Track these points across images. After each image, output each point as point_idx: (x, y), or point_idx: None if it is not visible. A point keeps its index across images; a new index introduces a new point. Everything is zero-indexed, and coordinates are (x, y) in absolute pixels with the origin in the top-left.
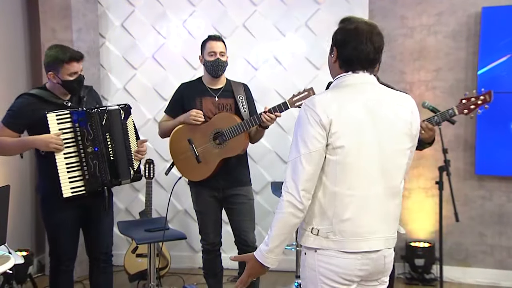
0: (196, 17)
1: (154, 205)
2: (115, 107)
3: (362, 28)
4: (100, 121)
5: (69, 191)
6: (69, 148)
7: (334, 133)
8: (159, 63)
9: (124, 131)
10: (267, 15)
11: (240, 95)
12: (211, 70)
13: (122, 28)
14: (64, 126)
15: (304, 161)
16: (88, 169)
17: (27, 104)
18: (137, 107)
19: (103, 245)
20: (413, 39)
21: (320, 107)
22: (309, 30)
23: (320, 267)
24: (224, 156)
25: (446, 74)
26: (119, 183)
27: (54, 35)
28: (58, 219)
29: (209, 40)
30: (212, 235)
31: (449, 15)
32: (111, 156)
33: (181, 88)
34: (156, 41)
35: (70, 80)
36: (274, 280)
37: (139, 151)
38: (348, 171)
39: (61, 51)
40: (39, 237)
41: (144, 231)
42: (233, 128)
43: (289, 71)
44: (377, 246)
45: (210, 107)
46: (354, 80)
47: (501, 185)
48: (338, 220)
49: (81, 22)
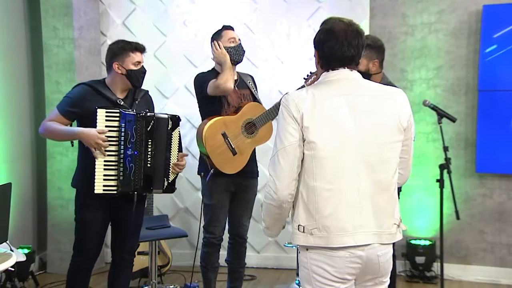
0: (197, 15)
1: (155, 203)
2: (164, 115)
3: (338, 27)
4: (146, 126)
5: (101, 187)
6: (111, 146)
7: (307, 127)
8: (160, 61)
9: (167, 141)
10: (268, 13)
11: (251, 84)
12: (235, 55)
13: (123, 26)
14: (111, 124)
15: (280, 156)
16: (124, 170)
17: (83, 93)
18: None
19: (127, 247)
20: (414, 37)
21: (292, 102)
22: (310, 29)
23: (312, 265)
24: (256, 144)
25: (447, 72)
26: (150, 191)
27: (56, 33)
28: (87, 216)
29: (225, 30)
30: (220, 228)
31: (449, 13)
32: (148, 163)
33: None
34: (157, 39)
35: (134, 70)
36: (275, 278)
37: (178, 165)
38: (324, 166)
39: (127, 42)
40: (41, 234)
41: (146, 229)
42: (263, 116)
43: (290, 70)
44: (364, 241)
45: (235, 98)
46: (333, 77)
47: (501, 183)
48: (320, 215)
49: (83, 20)
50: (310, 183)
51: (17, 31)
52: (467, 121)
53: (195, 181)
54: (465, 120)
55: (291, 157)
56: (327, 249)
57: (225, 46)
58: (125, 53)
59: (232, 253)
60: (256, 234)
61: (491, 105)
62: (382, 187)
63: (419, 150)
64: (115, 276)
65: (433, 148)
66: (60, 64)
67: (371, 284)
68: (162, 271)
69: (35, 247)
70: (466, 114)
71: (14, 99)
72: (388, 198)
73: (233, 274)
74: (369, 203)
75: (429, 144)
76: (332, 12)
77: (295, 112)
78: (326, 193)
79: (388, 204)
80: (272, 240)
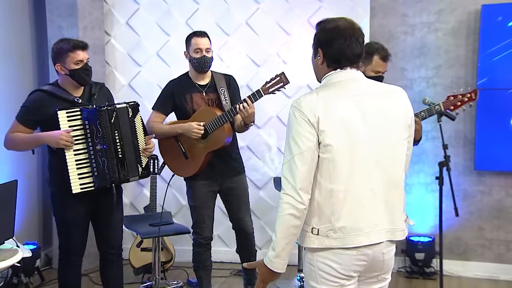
0: (200, 15)
1: (159, 200)
2: (123, 105)
3: (343, 25)
4: (109, 119)
5: (78, 187)
6: (79, 145)
7: (323, 131)
8: (164, 60)
9: (132, 129)
10: (269, 12)
11: (222, 87)
12: (197, 67)
13: (127, 26)
14: (74, 123)
15: (298, 161)
16: (97, 166)
17: (39, 100)
18: (142, 103)
19: (113, 240)
20: (414, 37)
21: (306, 106)
22: (312, 28)
23: (318, 263)
24: (209, 149)
25: (446, 71)
26: (127, 180)
27: (61, 33)
28: (68, 214)
29: (194, 36)
30: (207, 229)
31: (449, 12)
32: (119, 153)
33: (171, 85)
34: (160, 39)
35: (76, 69)
36: None
37: (147, 148)
38: (340, 168)
39: (65, 41)
40: (47, 230)
41: (149, 226)
42: (213, 121)
43: (292, 68)
44: (378, 239)
45: (200, 103)
46: (341, 78)
47: (500, 180)
48: (336, 217)
49: (87, 20)
50: (325, 185)
51: (22, 31)
52: (466, 119)
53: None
54: (464, 119)
55: (309, 161)
56: (338, 248)
57: (190, 55)
58: (65, 54)
59: (240, 247)
60: (257, 231)
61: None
62: (393, 185)
63: (419, 148)
64: (107, 272)
65: (432, 146)
66: None
67: (374, 281)
68: (166, 267)
69: (41, 243)
70: (465, 113)
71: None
72: (399, 195)
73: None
74: (382, 201)
75: (429, 142)
76: (333, 12)
77: (311, 117)
78: (342, 194)
79: (399, 201)
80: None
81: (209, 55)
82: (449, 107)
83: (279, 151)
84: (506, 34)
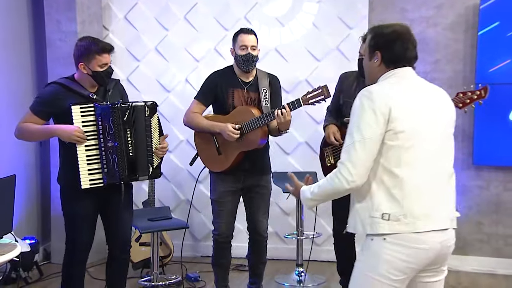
0: (198, 10)
1: (157, 195)
2: (139, 103)
3: (401, 30)
4: (122, 116)
5: (87, 182)
6: (91, 140)
7: (395, 118)
8: (162, 55)
9: (146, 128)
10: (268, 8)
11: (264, 87)
12: (241, 64)
13: (125, 21)
14: (87, 118)
15: (359, 147)
16: (107, 162)
17: (54, 93)
18: (140, 98)
19: (122, 238)
20: (413, 31)
21: (378, 96)
22: (311, 23)
23: (387, 255)
24: (242, 149)
25: (445, 65)
26: (136, 179)
27: (59, 27)
28: (76, 209)
29: (240, 33)
30: (224, 225)
31: (448, 7)
32: (130, 152)
33: (215, 77)
34: (159, 33)
35: (100, 72)
36: (275, 268)
37: (161, 148)
38: (411, 154)
39: (94, 42)
40: (45, 225)
41: (147, 220)
42: (250, 122)
43: (290, 63)
44: (445, 225)
45: (240, 100)
46: (404, 73)
47: (498, 175)
48: (408, 202)
49: (85, 15)
50: (396, 171)
51: (20, 25)
52: (465, 114)
53: (196, 172)
54: (463, 113)
55: (370, 148)
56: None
57: (236, 52)
58: (91, 55)
59: (252, 250)
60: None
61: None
62: (449, 174)
63: None
64: (113, 269)
65: None
66: (63, 58)
67: (433, 274)
68: (164, 261)
69: (40, 238)
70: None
71: (18, 93)
72: (453, 185)
73: (252, 270)
74: (444, 189)
75: None
76: (333, 6)
77: (382, 106)
78: (412, 180)
79: (453, 191)
80: (272, 231)
81: (255, 52)
82: (457, 104)
83: (278, 146)
84: (504, 28)
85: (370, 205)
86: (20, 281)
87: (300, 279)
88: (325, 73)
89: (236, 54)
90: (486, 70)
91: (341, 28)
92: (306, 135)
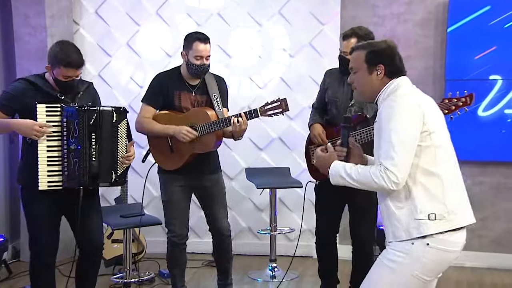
0: (170, 5)
1: (130, 191)
2: (108, 108)
3: (392, 45)
4: (88, 120)
5: (45, 184)
6: (54, 142)
7: (428, 121)
8: (134, 50)
9: (113, 134)
10: (241, 3)
11: (214, 93)
12: (194, 73)
13: (96, 15)
14: (52, 118)
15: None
16: (68, 165)
17: (22, 89)
18: (112, 93)
19: (93, 241)
20: (384, 27)
21: (410, 100)
22: (283, 19)
23: (426, 258)
24: (195, 151)
25: (416, 61)
26: (96, 185)
27: (27, 21)
28: (36, 209)
29: (196, 41)
30: (179, 225)
31: (418, 3)
32: (93, 157)
33: (160, 79)
34: (130, 29)
35: (61, 81)
36: (248, 263)
37: (126, 156)
38: (443, 152)
39: (63, 53)
40: (14, 223)
41: (120, 217)
42: (206, 125)
43: (264, 60)
44: (473, 219)
45: (187, 103)
46: (406, 81)
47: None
48: (448, 199)
49: (54, 9)
50: (433, 170)
51: None
52: None
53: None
54: None
55: (411, 150)
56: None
57: (190, 60)
58: (57, 65)
59: (215, 248)
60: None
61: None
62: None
63: None
64: (83, 269)
65: None
66: (32, 53)
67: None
68: (137, 258)
69: (8, 236)
70: None
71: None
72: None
73: (219, 267)
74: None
75: None
76: (305, 3)
77: (417, 109)
78: (447, 177)
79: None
80: (246, 226)
81: (208, 62)
82: (443, 110)
83: (251, 142)
84: (473, 25)
85: (413, 208)
86: None
87: (274, 275)
88: (298, 69)
89: (189, 61)
90: (456, 66)
91: (313, 24)
92: (279, 131)
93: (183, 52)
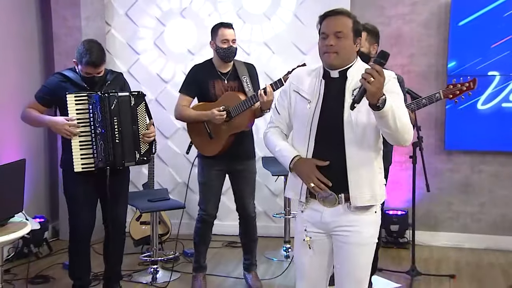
0: (195, 6)
1: (156, 178)
2: (125, 94)
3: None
4: (109, 105)
5: (79, 166)
6: (84, 127)
7: None
8: (160, 49)
9: (132, 117)
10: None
11: (244, 75)
12: (223, 56)
13: (126, 17)
14: (81, 107)
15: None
16: (96, 148)
17: (56, 82)
18: (140, 88)
19: (116, 221)
20: (390, 27)
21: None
22: (296, 18)
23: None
24: (231, 131)
25: (419, 59)
26: (122, 164)
27: (65, 23)
28: (74, 190)
29: (221, 27)
30: (212, 206)
31: (422, 4)
32: (116, 138)
33: (196, 70)
34: (157, 29)
35: (85, 76)
36: (265, 244)
37: (146, 133)
38: None
39: (86, 51)
40: (54, 205)
41: (147, 201)
42: (238, 105)
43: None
44: None
45: (221, 89)
46: None
47: (466, 159)
48: None
49: (89, 11)
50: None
51: (29, 21)
52: (437, 103)
53: (191, 157)
54: (435, 103)
55: None
56: None
57: (217, 45)
58: (80, 62)
59: (242, 229)
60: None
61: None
62: None
63: None
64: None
65: None
66: (68, 52)
67: None
68: (163, 239)
69: (49, 217)
70: None
71: (29, 87)
72: None
73: (245, 248)
74: None
75: None
76: (317, 3)
77: None
78: None
79: None
80: (262, 210)
81: (235, 45)
82: (448, 95)
83: None
84: (474, 25)
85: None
86: (31, 256)
87: (288, 255)
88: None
89: (217, 46)
90: (457, 63)
91: None
92: None
93: (211, 41)
